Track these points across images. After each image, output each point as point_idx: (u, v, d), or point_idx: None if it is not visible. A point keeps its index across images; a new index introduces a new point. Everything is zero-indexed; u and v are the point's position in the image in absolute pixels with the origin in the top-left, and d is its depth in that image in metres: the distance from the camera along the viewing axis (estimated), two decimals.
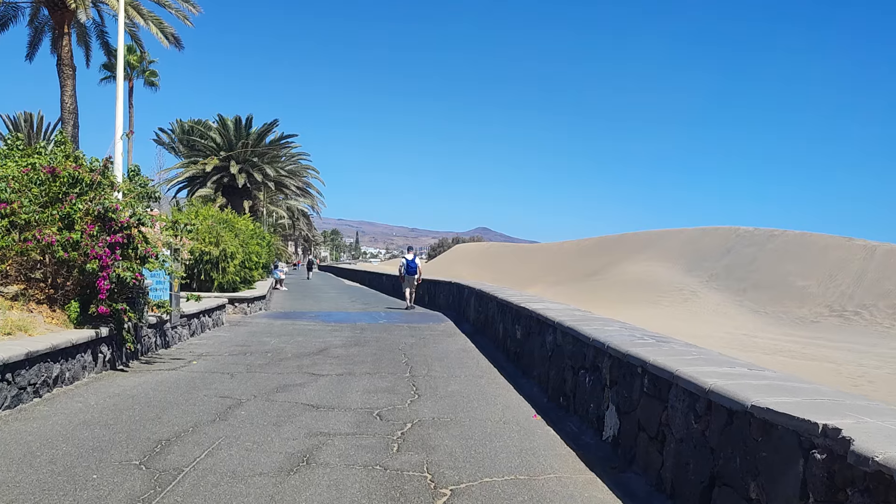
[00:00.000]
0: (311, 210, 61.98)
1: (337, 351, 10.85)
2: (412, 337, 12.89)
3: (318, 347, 11.20)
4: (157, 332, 10.30)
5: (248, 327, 14.16)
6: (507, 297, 11.03)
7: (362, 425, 6.13)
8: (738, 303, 30.04)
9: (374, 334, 13.24)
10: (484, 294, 13.23)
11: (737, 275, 33.58)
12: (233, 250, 17.58)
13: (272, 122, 32.53)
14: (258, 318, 16.10)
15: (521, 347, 9.42)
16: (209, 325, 13.17)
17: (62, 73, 22.08)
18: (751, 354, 17.97)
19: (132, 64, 38.95)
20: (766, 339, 22.95)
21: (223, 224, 18.37)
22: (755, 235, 37.91)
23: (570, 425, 6.42)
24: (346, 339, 12.45)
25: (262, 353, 10.39)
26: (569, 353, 6.98)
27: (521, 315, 9.61)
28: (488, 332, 12.59)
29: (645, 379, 4.98)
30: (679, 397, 4.39)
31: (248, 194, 33.37)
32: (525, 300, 10.06)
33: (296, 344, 11.58)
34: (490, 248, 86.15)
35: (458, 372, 9.18)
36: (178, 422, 6.06)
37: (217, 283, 17.39)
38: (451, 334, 13.63)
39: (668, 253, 41.89)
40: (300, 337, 12.57)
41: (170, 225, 9.85)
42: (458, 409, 6.92)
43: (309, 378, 8.39)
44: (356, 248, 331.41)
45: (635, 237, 52.24)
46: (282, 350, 10.81)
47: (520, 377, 8.88)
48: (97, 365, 8.10)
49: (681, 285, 33.87)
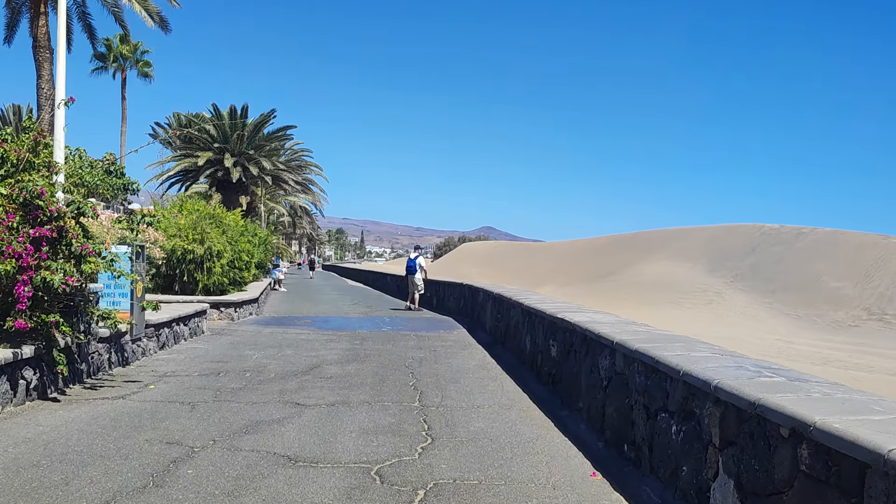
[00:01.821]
0: (315, 208, 60.11)
1: (331, 369, 9.01)
2: (420, 349, 11.05)
3: (309, 364, 9.36)
4: (113, 347, 8.48)
5: (231, 337, 12.34)
6: (535, 304, 9.17)
7: (355, 495, 4.30)
8: (766, 305, 28.10)
9: (377, 345, 11.41)
10: (504, 299, 11.37)
11: (764, 275, 31.60)
12: (220, 249, 15.78)
13: (269, 112, 30.69)
14: (246, 326, 14.28)
15: (559, 369, 7.56)
16: (185, 336, 11.35)
17: (38, 55, 20.32)
18: (799, 364, 16.03)
19: (124, 54, 37.23)
20: (805, 345, 21.03)
21: (210, 219, 16.57)
22: (782, 233, 35.84)
23: (648, 491, 4.57)
24: (343, 352, 10.62)
25: (240, 373, 8.56)
26: (638, 386, 5.12)
27: (557, 328, 7.76)
28: (510, 344, 10.74)
29: (802, 449, 3.12)
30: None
31: (244, 190, 31.56)
32: (561, 309, 8.19)
33: (283, 359, 9.75)
34: (497, 247, 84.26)
35: (480, 399, 7.34)
36: (89, 493, 4.22)
37: (202, 286, 15.59)
38: (465, 345, 11.78)
39: (688, 252, 39.84)
40: (289, 350, 10.74)
41: (124, 217, 8.00)
42: (487, 461, 5.08)
43: (291, 410, 6.56)
44: (361, 248, 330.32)
45: (651, 235, 50.09)
46: (264, 368, 8.97)
47: (559, 408, 7.03)
48: (16, 395, 6.27)
49: (703, 286, 31.92)
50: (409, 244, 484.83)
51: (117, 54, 37.93)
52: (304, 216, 67.46)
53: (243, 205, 33.91)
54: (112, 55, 38.08)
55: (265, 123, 30.56)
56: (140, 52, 38.76)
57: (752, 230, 38.68)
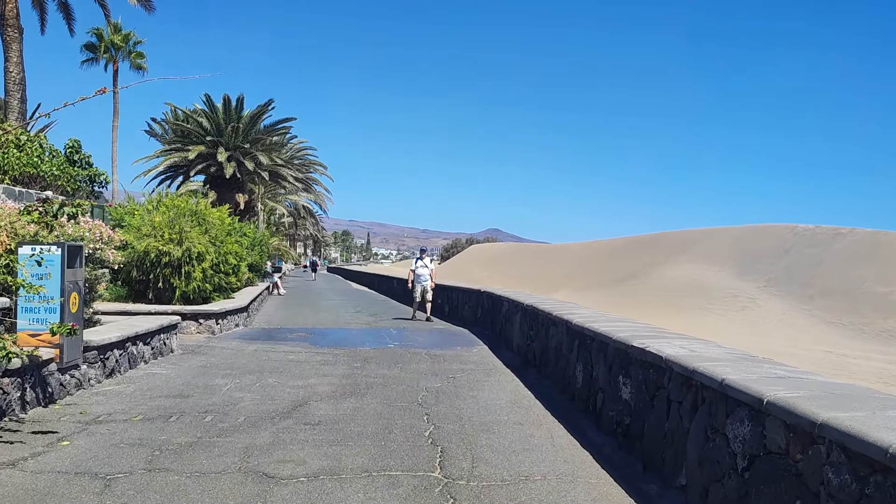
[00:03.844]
0: (319, 209, 57.92)
1: (320, 408, 6.86)
2: (435, 375, 8.89)
3: (294, 400, 7.22)
4: (29, 381, 6.35)
5: (206, 357, 10.20)
6: (589, 322, 6.97)
7: None
8: (806, 312, 25.80)
9: (381, 370, 9.25)
10: (540, 313, 9.19)
11: (800, 279, 29.26)
12: (200, 250, 13.66)
13: (266, 102, 28.36)
14: (227, 341, 12.15)
15: (636, 419, 5.38)
16: (145, 358, 9.22)
17: (5, 35, 18.24)
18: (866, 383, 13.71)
19: (116, 44, 35.15)
20: (860, 358, 18.76)
21: (192, 216, 14.46)
22: (817, 234, 33.42)
23: None
24: (339, 379, 8.47)
25: (199, 416, 6.42)
26: (834, 487, 2.94)
27: (631, 360, 5.58)
28: (549, 371, 8.57)
29: None
30: None
31: (240, 187, 29.41)
32: (636, 334, 6.00)
33: (261, 392, 7.61)
34: (508, 249, 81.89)
35: (527, 463, 5.18)
36: None
37: (180, 293, 13.47)
38: (489, 369, 9.61)
39: (714, 254, 37.43)
40: (272, 377, 8.59)
41: (36, 206, 5.88)
42: None
43: (253, 490, 4.42)
44: (367, 250, 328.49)
45: (674, 236, 47.49)
46: (233, 407, 6.83)
47: (642, 478, 4.87)
48: None
49: (734, 290, 29.63)
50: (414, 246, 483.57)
51: (108, 44, 35.82)
52: (308, 217, 65.23)
53: (241, 204, 31.83)
54: (103, 45, 35.98)
55: (262, 115, 28.37)
56: (133, 43, 36.60)
57: (784, 231, 36.21)
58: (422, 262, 16.75)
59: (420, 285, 16.50)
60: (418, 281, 16.55)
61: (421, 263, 16.72)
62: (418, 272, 16.58)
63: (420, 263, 16.72)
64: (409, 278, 17.00)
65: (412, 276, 16.79)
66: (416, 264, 16.77)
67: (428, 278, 16.51)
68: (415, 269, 16.71)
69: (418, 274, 16.57)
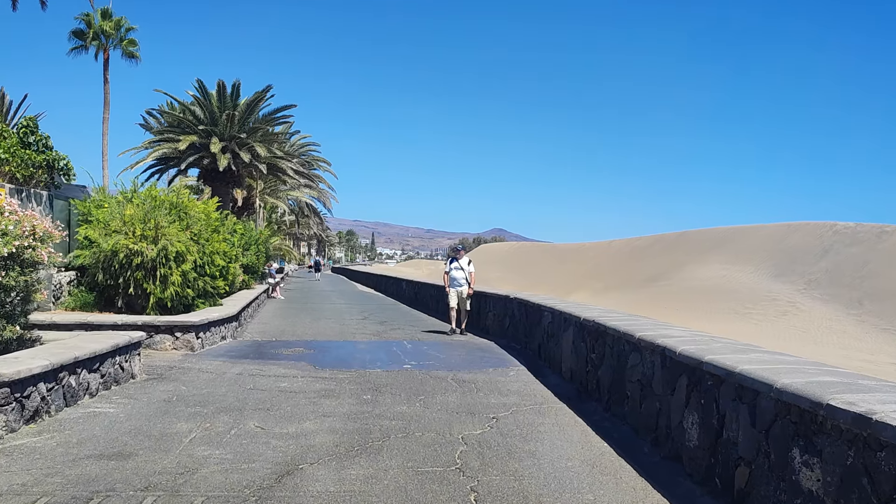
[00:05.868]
0: (323, 207, 55.67)
1: (317, 479, 4.70)
2: (471, 414, 6.72)
3: (280, 462, 5.06)
4: None
5: (174, 384, 8.05)
6: (706, 353, 4.77)
7: None
8: (854, 317, 23.55)
9: (399, 406, 7.08)
10: (608, 332, 6.98)
11: (844, 281, 26.95)
12: (180, 249, 11.51)
13: (264, 89, 26.09)
14: (208, 360, 9.99)
15: None
16: (91, 390, 7.08)
17: None
18: None
19: (106, 31, 33.02)
20: None
21: (173, 210, 12.33)
22: (859, 233, 31.03)
23: None
24: (343, 422, 6.31)
25: (132, 499, 4.26)
26: None
27: (820, 424, 3.40)
28: (624, 409, 6.37)
29: None
30: None
31: (238, 182, 27.26)
32: (815, 378, 3.80)
33: (235, 447, 5.45)
34: (519, 249, 79.44)
35: None
36: None
37: (155, 300, 11.34)
38: (539, 404, 7.42)
39: (747, 254, 35.03)
40: (254, 418, 6.43)
41: None
42: None
43: None
44: (372, 249, 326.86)
45: (701, 235, 44.91)
46: (191, 476, 4.68)
47: None
48: None
49: (772, 293, 27.34)
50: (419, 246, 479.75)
51: (98, 31, 33.60)
52: (312, 215, 63.02)
53: (238, 200, 29.71)
54: (92, 32, 33.71)
55: (260, 102, 26.14)
56: (124, 30, 34.35)
57: (822, 229, 33.75)
58: (457, 264, 14.07)
59: (455, 290, 14.04)
60: (453, 286, 14.00)
61: (456, 265, 14.09)
62: (453, 275, 14.03)
63: (455, 265, 14.09)
64: (445, 282, 14.42)
65: (447, 279, 14.25)
66: (451, 266, 14.20)
67: (465, 283, 13.96)
68: (449, 272, 14.16)
69: (453, 277, 14.00)
